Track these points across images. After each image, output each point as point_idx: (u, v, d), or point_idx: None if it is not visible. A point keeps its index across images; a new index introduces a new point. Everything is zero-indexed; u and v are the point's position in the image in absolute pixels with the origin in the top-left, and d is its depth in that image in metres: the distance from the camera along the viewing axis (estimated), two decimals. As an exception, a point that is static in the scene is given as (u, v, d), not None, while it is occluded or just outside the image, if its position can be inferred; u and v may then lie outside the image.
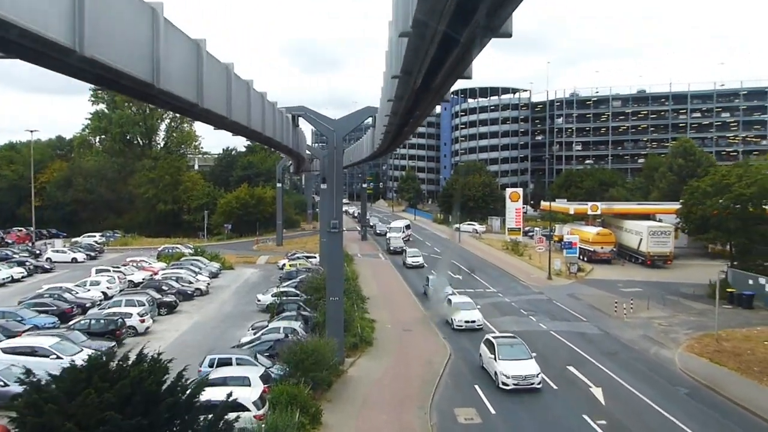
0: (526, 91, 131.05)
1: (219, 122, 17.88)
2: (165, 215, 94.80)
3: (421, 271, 52.85)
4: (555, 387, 24.60)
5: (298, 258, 56.97)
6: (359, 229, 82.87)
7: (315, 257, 57.72)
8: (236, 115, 17.76)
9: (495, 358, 24.94)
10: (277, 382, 22.34)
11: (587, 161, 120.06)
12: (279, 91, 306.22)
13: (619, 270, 55.32)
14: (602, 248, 58.60)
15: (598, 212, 62.15)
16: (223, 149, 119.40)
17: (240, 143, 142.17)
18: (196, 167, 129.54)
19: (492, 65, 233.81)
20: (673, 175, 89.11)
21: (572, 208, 63.18)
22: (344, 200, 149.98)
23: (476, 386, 24.85)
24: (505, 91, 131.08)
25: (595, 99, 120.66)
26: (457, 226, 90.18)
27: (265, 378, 22.02)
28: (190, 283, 45.81)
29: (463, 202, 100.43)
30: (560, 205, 72.19)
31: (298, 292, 39.27)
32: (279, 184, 79.49)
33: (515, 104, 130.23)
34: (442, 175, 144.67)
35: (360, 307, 38.04)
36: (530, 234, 79.46)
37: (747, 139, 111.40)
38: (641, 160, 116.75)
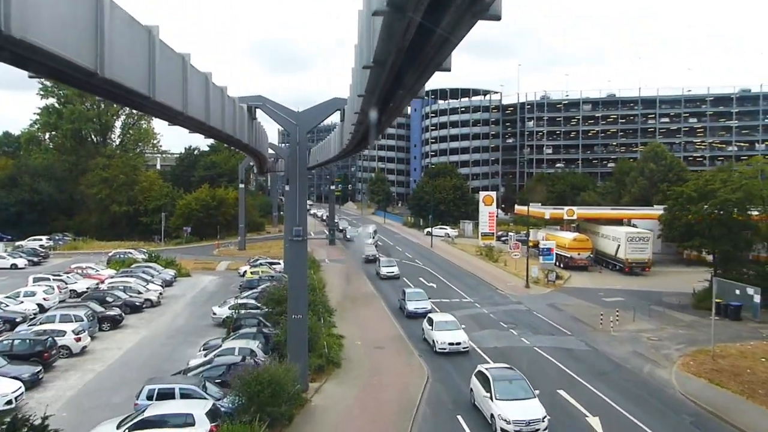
0: (497, 93, 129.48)
1: (174, 117, 16.41)
2: (120, 217, 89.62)
3: (396, 282, 49.44)
4: (548, 417, 21.73)
5: (261, 264, 53.27)
6: (326, 233, 79.46)
7: (279, 263, 54.16)
8: (193, 110, 16.41)
9: (491, 397, 20.85)
10: (228, 418, 18.95)
11: (558, 165, 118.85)
12: (245, 92, 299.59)
13: (597, 277, 53.19)
14: (579, 254, 56.47)
15: (574, 217, 60.05)
16: (185, 148, 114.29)
17: (203, 142, 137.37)
18: (158, 167, 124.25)
19: (461, 68, 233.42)
20: (645, 179, 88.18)
21: (548, 212, 61.03)
22: (310, 202, 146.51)
23: (459, 417, 21.82)
24: (476, 92, 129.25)
25: (566, 102, 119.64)
26: (429, 230, 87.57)
27: (212, 414, 18.61)
28: (140, 293, 41.78)
29: (433, 206, 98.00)
30: (535, 209, 69.91)
31: (258, 304, 35.77)
32: (241, 185, 75.54)
33: (486, 106, 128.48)
34: (412, 177, 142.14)
35: (327, 321, 34.75)
36: (504, 239, 77.29)
37: (713, 145, 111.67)
38: (611, 165, 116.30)
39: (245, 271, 53.36)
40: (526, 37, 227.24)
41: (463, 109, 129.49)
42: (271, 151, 65.46)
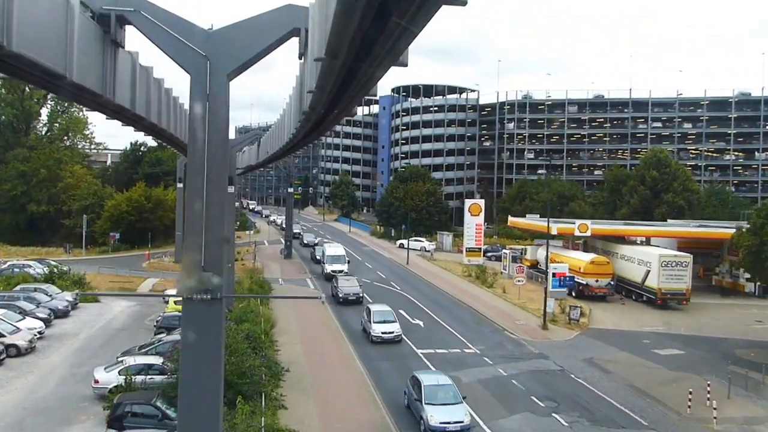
0: (473, 91, 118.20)
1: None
2: (38, 218, 74.97)
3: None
4: None
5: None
6: (283, 242, 66.41)
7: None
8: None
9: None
10: None
11: (540, 171, 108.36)
12: None
13: (623, 312, 41.84)
14: (597, 281, 45.11)
15: (588, 233, 48.71)
16: (131, 143, 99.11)
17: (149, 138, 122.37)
18: (109, 163, 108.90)
19: (431, 71, 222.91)
20: (646, 189, 78.17)
21: (555, 227, 49.62)
22: (259, 206, 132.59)
23: None
24: (452, 90, 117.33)
25: (549, 103, 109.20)
26: (402, 242, 75.44)
27: None
28: (2, 335, 28.34)
29: (404, 213, 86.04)
30: (533, 222, 58.60)
31: (168, 364, 22.93)
32: (179, 184, 61.88)
33: (462, 105, 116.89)
34: (379, 181, 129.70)
35: (274, 398, 22.21)
36: (492, 255, 65.76)
37: (707, 153, 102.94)
38: (597, 172, 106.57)
39: (171, 296, 40.22)
40: (506, 37, 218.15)
41: (436, 108, 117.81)
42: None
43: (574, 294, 43.74)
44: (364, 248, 74.40)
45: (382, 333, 31.38)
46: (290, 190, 69.87)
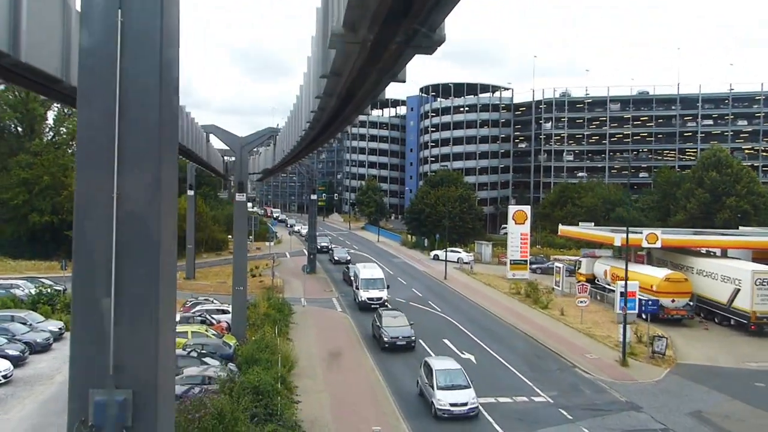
0: (507, 89, 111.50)
1: None
2: (41, 230, 70.04)
3: (411, 355, 30.40)
4: None
5: (195, 318, 33.94)
6: (306, 253, 60.38)
7: (225, 310, 35.47)
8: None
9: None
10: None
11: (580, 174, 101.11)
12: (228, 99, 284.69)
13: (711, 341, 34.83)
14: (673, 301, 38.20)
15: (657, 244, 41.62)
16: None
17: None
18: None
19: (456, 74, 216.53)
20: (705, 191, 70.72)
21: (618, 237, 42.78)
22: (283, 214, 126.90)
23: None
24: (484, 89, 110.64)
25: (589, 101, 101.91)
26: (437, 253, 69.12)
27: None
28: (-48, 384, 22.72)
29: (435, 221, 79.76)
30: (588, 231, 51.75)
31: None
32: (190, 191, 56.52)
33: (495, 105, 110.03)
34: (407, 187, 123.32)
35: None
36: (537, 268, 59.01)
37: (765, 153, 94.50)
38: (643, 174, 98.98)
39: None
40: (527, 38, 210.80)
41: (467, 107, 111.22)
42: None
43: (645, 316, 36.85)
44: (394, 260, 68.10)
45: (452, 406, 21.98)
46: (313, 196, 63.69)
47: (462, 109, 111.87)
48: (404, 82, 13.41)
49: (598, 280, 47.26)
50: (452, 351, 30.46)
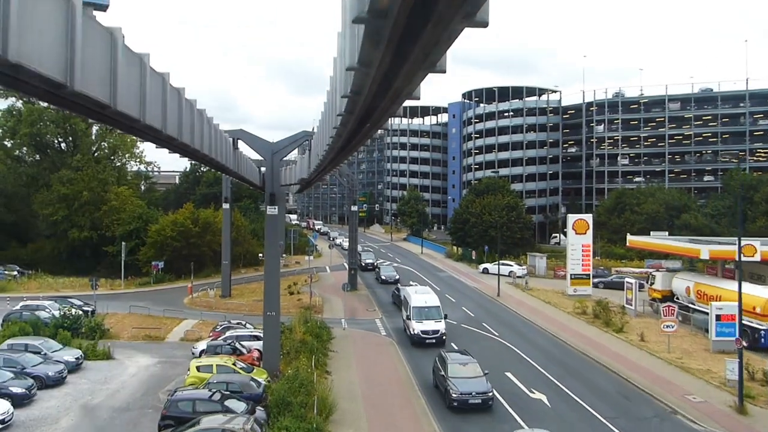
0: (554, 92, 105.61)
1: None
2: (80, 246, 68.19)
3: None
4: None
5: (225, 347, 29.93)
6: (347, 268, 56.11)
7: (258, 336, 31.45)
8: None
9: None
10: None
11: (636, 179, 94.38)
12: (270, 113, 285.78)
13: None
14: (781, 325, 32.35)
15: (756, 258, 35.66)
16: (191, 163, 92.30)
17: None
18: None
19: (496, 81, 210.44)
20: (788, 195, 63.73)
21: (705, 249, 37.03)
22: (325, 226, 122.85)
23: None
24: (530, 92, 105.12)
25: (645, 101, 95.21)
26: (486, 266, 64.08)
27: None
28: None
29: (481, 231, 74.71)
30: (662, 242, 45.99)
31: None
32: (226, 204, 53.08)
33: (542, 108, 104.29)
34: (450, 196, 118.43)
35: None
36: (599, 282, 53.34)
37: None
38: (708, 178, 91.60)
39: (199, 351, 30.72)
40: (569, 43, 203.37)
41: (512, 112, 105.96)
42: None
43: (747, 344, 31.09)
44: (440, 274, 63.37)
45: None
46: (354, 208, 59.58)
47: (507, 114, 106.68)
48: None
49: (677, 298, 41.51)
50: (519, 389, 25.63)
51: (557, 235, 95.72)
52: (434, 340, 33.04)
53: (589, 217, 52.21)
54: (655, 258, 63.80)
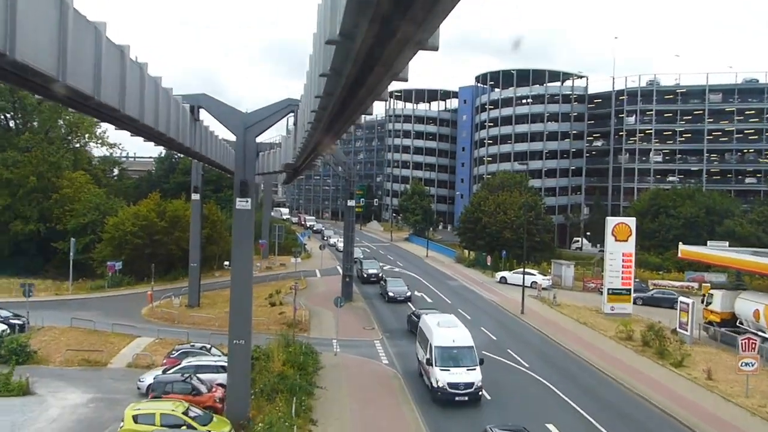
0: (580, 77, 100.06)
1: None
2: (25, 240, 62.45)
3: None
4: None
5: (176, 383, 24.39)
6: (341, 274, 50.58)
7: (223, 364, 25.90)
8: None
9: None
10: None
11: (671, 177, 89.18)
12: (264, 95, 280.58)
13: None
14: None
15: None
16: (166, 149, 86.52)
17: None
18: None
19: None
20: None
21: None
22: (318, 223, 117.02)
23: None
24: (554, 76, 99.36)
25: (682, 91, 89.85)
26: (504, 275, 58.77)
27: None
28: None
29: (495, 232, 69.55)
30: (725, 254, 40.67)
31: None
32: (195, 195, 47.56)
33: (566, 95, 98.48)
34: (458, 191, 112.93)
35: None
36: (637, 298, 47.91)
37: None
38: (750, 179, 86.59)
39: (147, 386, 25.34)
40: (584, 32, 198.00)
41: (532, 99, 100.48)
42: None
43: None
44: (450, 283, 57.84)
45: None
46: (351, 202, 53.88)
47: (526, 100, 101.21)
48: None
49: (741, 323, 36.33)
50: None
51: (579, 239, 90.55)
52: (466, 397, 24.71)
53: (632, 221, 46.72)
54: (694, 270, 58.90)
